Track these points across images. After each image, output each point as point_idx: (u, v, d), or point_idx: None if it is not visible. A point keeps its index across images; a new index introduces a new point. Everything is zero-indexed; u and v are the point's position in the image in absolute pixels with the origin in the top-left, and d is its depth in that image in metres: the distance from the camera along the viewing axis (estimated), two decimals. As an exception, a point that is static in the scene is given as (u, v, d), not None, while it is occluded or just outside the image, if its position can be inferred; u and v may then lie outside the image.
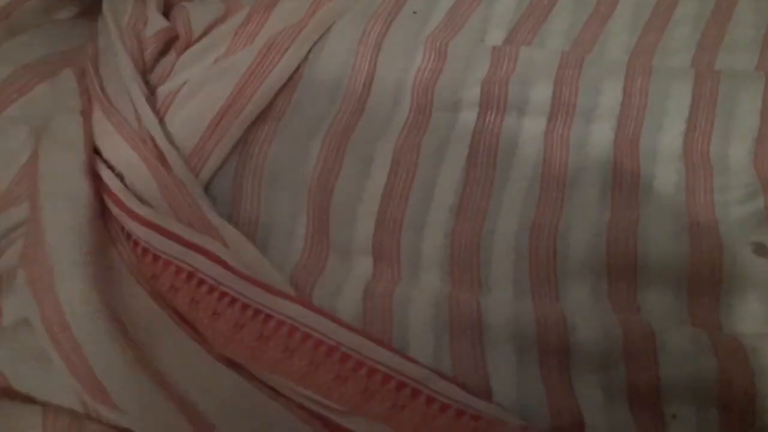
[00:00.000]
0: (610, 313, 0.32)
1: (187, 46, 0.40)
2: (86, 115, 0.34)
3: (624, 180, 0.36)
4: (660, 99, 0.38)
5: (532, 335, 0.31)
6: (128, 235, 0.33)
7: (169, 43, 0.39)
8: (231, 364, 0.30)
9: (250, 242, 0.33)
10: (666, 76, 0.39)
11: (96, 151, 0.34)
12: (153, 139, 0.34)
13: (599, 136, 0.38)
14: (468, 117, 0.39)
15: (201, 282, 0.31)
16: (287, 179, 0.37)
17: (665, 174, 0.36)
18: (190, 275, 0.31)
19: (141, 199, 0.33)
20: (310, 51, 0.41)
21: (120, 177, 0.34)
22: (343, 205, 0.36)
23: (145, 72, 0.37)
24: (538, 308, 0.32)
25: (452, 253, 0.35)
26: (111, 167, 0.34)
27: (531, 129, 0.38)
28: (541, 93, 0.39)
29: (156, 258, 0.32)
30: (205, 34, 0.41)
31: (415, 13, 0.43)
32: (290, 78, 0.40)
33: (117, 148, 0.34)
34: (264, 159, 0.37)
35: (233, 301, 0.30)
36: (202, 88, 0.37)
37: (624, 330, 0.31)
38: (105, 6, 0.37)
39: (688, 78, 0.39)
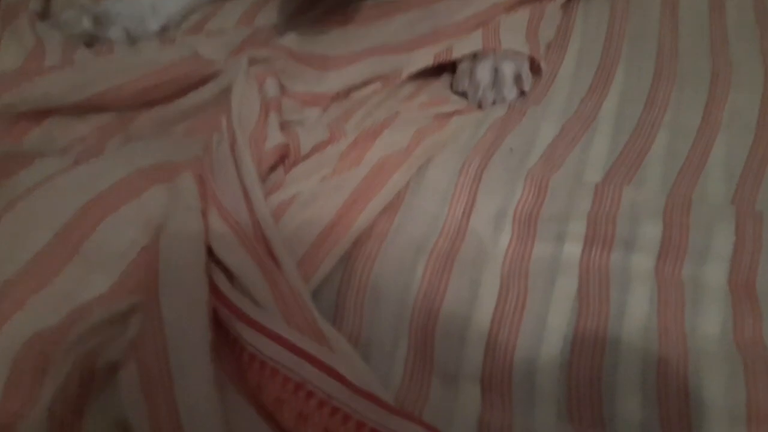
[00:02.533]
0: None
1: (295, 163, 0.41)
2: (205, 216, 0.34)
3: (745, 323, 0.34)
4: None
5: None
6: (234, 340, 0.31)
7: (281, 159, 0.40)
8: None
9: (359, 356, 0.31)
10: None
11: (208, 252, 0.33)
12: (268, 243, 0.33)
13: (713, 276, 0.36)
14: (573, 249, 0.38)
15: (310, 394, 0.29)
16: (390, 299, 0.36)
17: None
18: (298, 386, 0.29)
19: (252, 302, 0.31)
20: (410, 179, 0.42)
21: (230, 279, 0.33)
22: (450, 328, 0.34)
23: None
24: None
25: (569, 388, 0.32)
26: (222, 269, 0.33)
27: (641, 266, 0.37)
28: (650, 231, 0.38)
29: (263, 365, 0.29)
30: (310, 154, 0.42)
31: (512, 150, 0.44)
32: (391, 202, 0.40)
33: (232, 250, 0.33)
34: (368, 276, 0.36)
35: (346, 418, 0.28)
36: (315, 200, 0.37)
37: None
38: (233, 119, 0.39)
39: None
